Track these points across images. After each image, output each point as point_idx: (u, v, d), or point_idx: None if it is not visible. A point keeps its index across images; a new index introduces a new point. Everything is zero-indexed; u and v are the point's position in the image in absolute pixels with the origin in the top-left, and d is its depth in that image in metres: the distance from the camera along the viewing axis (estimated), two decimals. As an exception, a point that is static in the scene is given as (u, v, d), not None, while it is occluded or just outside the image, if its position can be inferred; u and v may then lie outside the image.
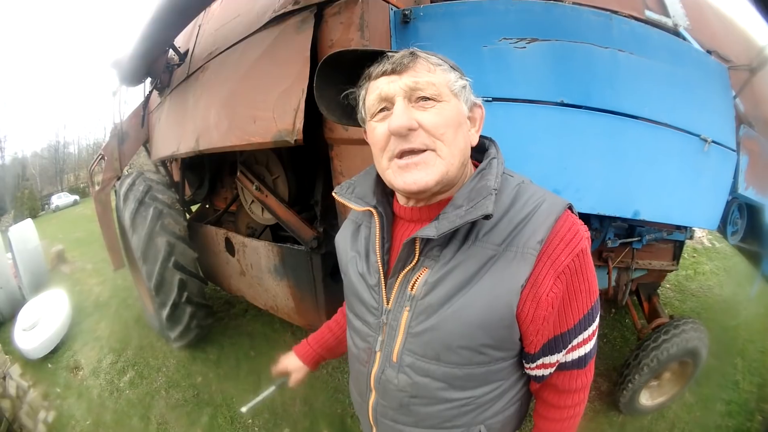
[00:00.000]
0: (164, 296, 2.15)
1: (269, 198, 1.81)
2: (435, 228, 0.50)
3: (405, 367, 0.58)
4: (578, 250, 0.51)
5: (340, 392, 2.06)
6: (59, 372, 2.54)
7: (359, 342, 0.65)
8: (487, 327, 0.52)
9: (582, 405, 0.64)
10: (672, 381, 1.86)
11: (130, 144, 2.73)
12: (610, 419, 1.86)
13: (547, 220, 0.50)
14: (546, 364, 0.58)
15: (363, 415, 0.71)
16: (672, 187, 1.37)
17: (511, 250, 0.50)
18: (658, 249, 1.68)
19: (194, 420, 1.98)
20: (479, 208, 0.49)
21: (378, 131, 0.53)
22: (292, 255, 1.71)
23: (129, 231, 2.21)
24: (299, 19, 1.22)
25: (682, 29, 1.54)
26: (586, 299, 0.54)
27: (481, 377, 0.57)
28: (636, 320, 1.93)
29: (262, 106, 1.29)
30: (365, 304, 0.62)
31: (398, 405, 0.61)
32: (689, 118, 1.34)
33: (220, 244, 2.18)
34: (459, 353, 0.54)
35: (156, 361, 2.46)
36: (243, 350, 2.47)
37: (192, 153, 1.83)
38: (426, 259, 0.55)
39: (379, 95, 0.52)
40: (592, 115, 1.19)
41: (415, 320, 0.55)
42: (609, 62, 1.22)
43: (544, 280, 0.50)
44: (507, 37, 1.14)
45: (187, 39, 2.14)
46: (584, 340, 0.57)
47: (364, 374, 0.65)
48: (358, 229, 0.67)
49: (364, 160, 1.15)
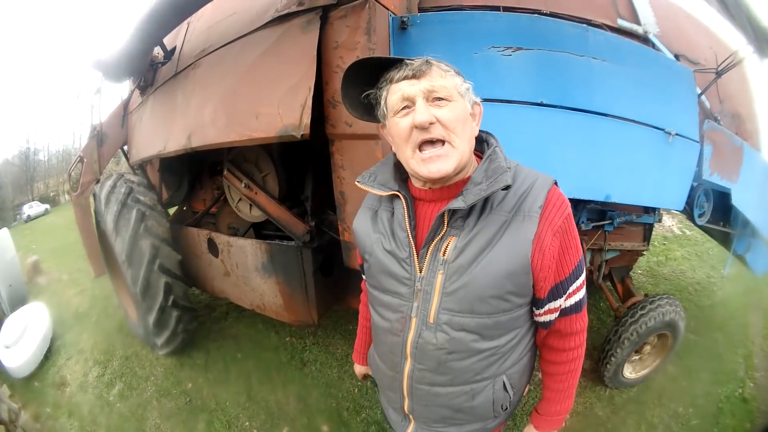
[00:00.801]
0: (150, 301, 2.09)
1: (259, 195, 1.82)
2: (463, 201, 0.62)
3: (442, 325, 0.67)
4: (566, 214, 0.65)
5: (332, 387, 2.08)
6: (47, 390, 2.39)
7: (390, 315, 0.72)
8: (511, 275, 0.63)
9: (582, 348, 0.75)
10: (653, 354, 2.01)
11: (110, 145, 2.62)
12: (598, 393, 1.99)
13: (542, 191, 0.64)
14: (551, 309, 0.69)
15: (395, 389, 0.77)
16: (640, 174, 1.55)
17: (519, 214, 0.63)
18: (628, 231, 1.84)
19: (191, 428, 1.93)
20: (500, 182, 0.61)
21: (402, 125, 0.64)
22: (281, 251, 1.73)
23: (111, 235, 2.12)
24: (305, 20, 1.26)
25: (651, 36, 1.71)
26: (575, 253, 0.67)
27: (505, 325, 0.68)
28: (612, 301, 2.08)
29: (265, 101, 1.32)
30: (396, 277, 0.70)
31: (436, 364, 0.69)
32: (655, 114, 1.52)
33: (202, 245, 2.14)
34: (489, 302, 0.65)
35: (143, 370, 2.36)
36: (230, 353, 2.43)
37: (182, 151, 1.79)
38: (452, 229, 0.66)
39: (402, 96, 0.63)
40: (568, 114, 1.35)
41: (449, 281, 0.65)
42: (584, 68, 1.38)
43: (545, 237, 0.63)
44: (495, 46, 1.28)
45: (174, 37, 2.10)
46: (577, 288, 0.70)
47: (399, 344, 0.72)
48: (375, 215, 0.76)
49: (366, 153, 1.21)
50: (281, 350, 2.42)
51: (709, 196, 2.02)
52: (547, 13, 1.55)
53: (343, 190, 1.32)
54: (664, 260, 3.49)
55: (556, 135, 1.34)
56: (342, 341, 2.44)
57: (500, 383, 0.72)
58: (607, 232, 1.73)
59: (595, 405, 1.95)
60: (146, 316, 2.13)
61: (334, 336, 2.50)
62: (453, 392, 0.71)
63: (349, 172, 1.28)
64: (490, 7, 1.47)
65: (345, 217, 1.36)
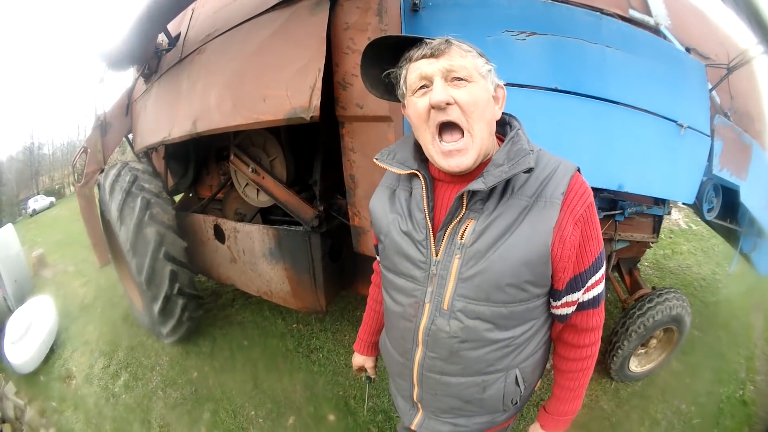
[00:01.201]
0: (156, 289, 2.07)
1: (266, 179, 1.80)
2: (483, 183, 0.59)
3: (456, 312, 0.64)
4: (589, 203, 0.62)
5: (339, 374, 2.07)
6: (52, 384, 2.40)
7: (404, 299, 0.70)
8: (530, 263, 0.61)
9: (597, 345, 0.72)
10: (659, 348, 2.00)
11: (114, 135, 2.61)
12: (604, 386, 1.98)
13: (564, 178, 0.61)
14: (569, 302, 0.67)
15: (404, 376, 0.75)
16: (652, 165, 1.53)
17: (541, 200, 0.60)
18: (638, 222, 1.82)
19: (196, 418, 1.92)
20: (522, 164, 0.59)
21: (420, 105, 0.62)
22: (289, 236, 1.70)
23: (116, 224, 2.11)
24: (313, 2, 1.24)
25: (663, 28, 1.68)
26: (596, 244, 0.64)
27: (521, 315, 0.66)
28: (620, 292, 2.07)
29: (273, 84, 1.30)
30: (411, 260, 0.68)
31: (448, 353, 0.67)
32: (667, 105, 1.50)
33: (208, 231, 2.13)
34: (506, 291, 0.62)
35: (149, 360, 2.36)
36: (236, 341, 2.42)
37: (188, 136, 1.78)
38: (470, 212, 0.63)
39: (420, 75, 0.61)
40: (581, 100, 1.33)
41: (465, 266, 0.62)
42: (598, 56, 1.36)
43: (566, 225, 0.60)
44: (509, 30, 1.25)
45: (179, 23, 2.08)
46: (596, 282, 0.67)
47: (411, 330, 0.70)
48: (393, 194, 0.73)
49: (377, 136, 1.19)
50: (288, 337, 2.41)
51: (718, 192, 2.00)
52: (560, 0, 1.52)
53: (353, 173, 1.30)
54: (671, 254, 3.48)
55: (570, 121, 1.32)
56: (350, 328, 2.42)
57: (512, 376, 0.70)
58: (617, 222, 1.71)
59: (601, 398, 1.94)
60: (151, 304, 2.12)
61: (341, 322, 2.48)
62: (464, 383, 0.69)
63: (359, 155, 1.26)
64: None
65: (355, 201, 1.34)
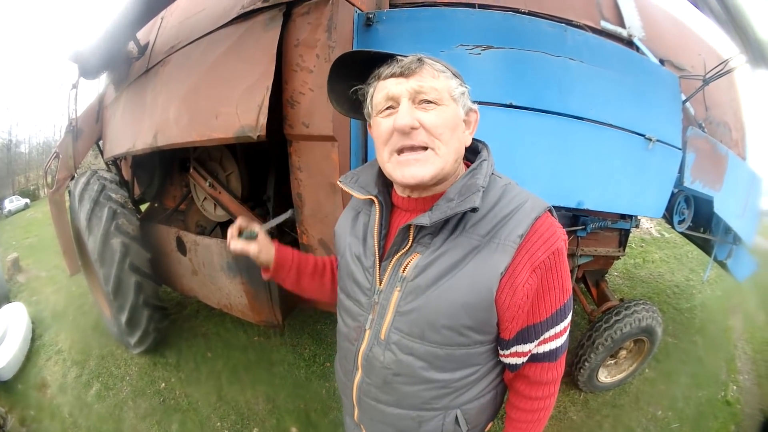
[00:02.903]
0: (122, 299, 2.07)
1: (222, 194, 1.80)
2: (428, 217, 0.56)
3: (391, 345, 0.62)
4: (554, 249, 0.56)
5: (299, 387, 2.08)
6: (29, 392, 2.39)
7: (350, 321, 0.69)
8: (469, 308, 0.57)
9: (552, 398, 0.68)
10: (629, 359, 2.00)
11: (85, 141, 2.56)
12: (572, 397, 1.98)
13: (528, 218, 0.56)
14: (519, 352, 0.62)
15: (347, 395, 0.74)
16: (616, 180, 1.50)
17: (494, 241, 0.56)
18: (603, 237, 1.81)
19: (165, 429, 1.93)
20: (468, 202, 0.55)
21: (383, 126, 0.58)
22: None
23: (85, 233, 2.09)
24: (267, 17, 1.23)
25: (636, 40, 1.67)
26: (558, 296, 0.58)
27: (460, 359, 0.62)
28: (585, 305, 2.07)
29: (225, 101, 1.28)
30: (359, 285, 0.67)
31: (382, 382, 0.65)
32: (635, 119, 1.48)
33: (171, 243, 2.12)
34: (442, 333, 0.58)
35: (119, 370, 2.36)
36: (200, 352, 2.44)
37: (149, 149, 1.76)
38: (418, 245, 0.60)
39: (387, 94, 0.57)
40: (539, 116, 1.30)
41: (404, 300, 0.60)
42: (560, 69, 1.33)
43: (521, 272, 0.55)
44: (464, 44, 1.23)
45: (148, 31, 2.05)
46: (555, 335, 0.61)
47: (352, 352, 0.69)
48: (357, 216, 0.71)
49: (322, 155, 1.18)
50: (250, 350, 2.43)
51: (690, 203, 1.99)
52: (525, 11, 1.50)
53: (300, 192, 1.29)
54: (642, 263, 3.49)
55: (526, 138, 1.30)
56: (310, 341, 2.45)
57: (452, 416, 0.65)
58: (579, 237, 1.70)
59: (569, 409, 1.94)
60: (119, 315, 2.11)
61: (301, 336, 2.51)
62: (398, 414, 0.66)
63: (306, 174, 1.25)
64: (465, 4, 1.42)
65: (303, 219, 1.33)
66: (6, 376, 2.46)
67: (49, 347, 2.75)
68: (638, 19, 1.77)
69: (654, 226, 3.94)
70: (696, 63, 1.94)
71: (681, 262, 3.45)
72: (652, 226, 3.94)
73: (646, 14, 1.82)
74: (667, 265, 3.45)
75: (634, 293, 3.01)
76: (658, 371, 2.17)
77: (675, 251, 3.63)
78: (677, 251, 3.62)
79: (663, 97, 1.60)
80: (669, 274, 3.29)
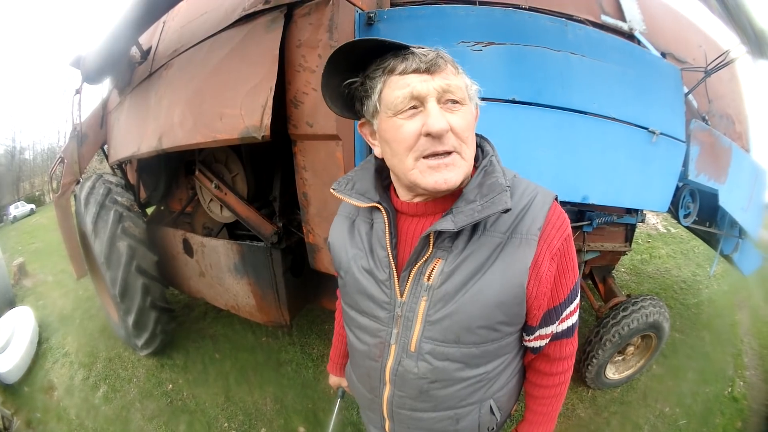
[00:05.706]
0: (129, 302, 2.09)
1: (228, 195, 1.81)
2: (452, 222, 0.53)
3: (425, 354, 0.60)
4: (566, 235, 0.58)
5: (307, 387, 2.09)
6: (36, 395, 2.41)
7: (368, 338, 0.66)
8: (503, 305, 0.57)
9: (570, 371, 0.71)
10: (637, 355, 1.98)
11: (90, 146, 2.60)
12: (580, 394, 1.97)
13: (542, 210, 0.57)
14: (543, 335, 0.64)
15: (375, 410, 0.72)
16: (621, 174, 1.50)
17: (515, 236, 0.56)
18: (609, 232, 1.80)
19: (173, 429, 1.94)
20: (498, 204, 0.52)
21: (406, 129, 0.52)
22: (251, 252, 1.71)
23: (91, 236, 2.11)
24: (269, 19, 1.24)
25: (637, 33, 1.66)
26: (572, 276, 0.61)
27: (493, 352, 0.63)
28: (593, 301, 2.05)
29: (229, 103, 1.30)
30: (374, 300, 0.63)
31: (417, 393, 0.63)
32: (638, 113, 1.48)
33: (178, 245, 2.14)
34: (477, 333, 0.58)
35: (126, 372, 2.37)
36: (208, 354, 2.44)
37: (154, 152, 1.78)
38: (438, 251, 0.57)
39: (410, 93, 0.51)
40: (542, 111, 1.30)
41: (432, 308, 0.58)
42: (561, 64, 1.33)
43: (543, 261, 0.56)
44: (465, 41, 1.23)
45: (150, 36, 2.07)
46: (571, 312, 0.64)
47: (377, 369, 0.66)
48: (353, 225, 0.67)
49: (326, 154, 1.19)
50: (258, 351, 2.43)
51: (695, 197, 1.98)
52: (525, 7, 1.50)
53: (305, 191, 1.30)
54: (649, 258, 3.46)
55: (529, 133, 1.30)
56: (318, 341, 2.44)
57: (487, 407, 0.66)
58: (585, 233, 1.69)
59: (577, 406, 1.93)
60: (126, 317, 2.13)
61: (309, 336, 2.50)
62: (436, 417, 0.65)
63: (311, 174, 1.25)
64: (466, 1, 1.42)
65: (309, 218, 1.34)
66: (11, 379, 2.49)
67: (56, 350, 2.77)
68: (638, 12, 1.77)
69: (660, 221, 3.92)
70: (697, 55, 1.93)
71: (687, 257, 3.42)
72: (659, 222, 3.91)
73: (646, 7, 1.81)
74: (674, 260, 3.42)
75: (641, 289, 2.99)
76: (666, 367, 2.15)
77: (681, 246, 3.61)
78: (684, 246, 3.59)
79: (665, 90, 1.59)
80: (676, 270, 3.26)
